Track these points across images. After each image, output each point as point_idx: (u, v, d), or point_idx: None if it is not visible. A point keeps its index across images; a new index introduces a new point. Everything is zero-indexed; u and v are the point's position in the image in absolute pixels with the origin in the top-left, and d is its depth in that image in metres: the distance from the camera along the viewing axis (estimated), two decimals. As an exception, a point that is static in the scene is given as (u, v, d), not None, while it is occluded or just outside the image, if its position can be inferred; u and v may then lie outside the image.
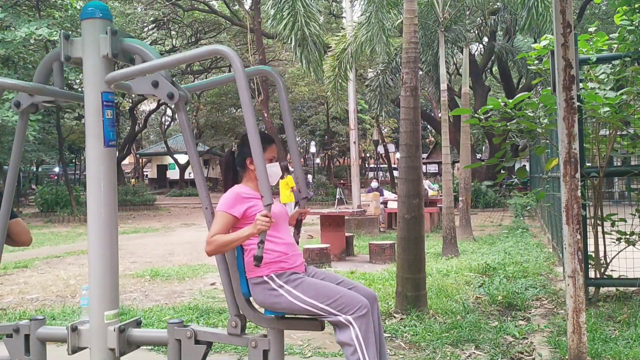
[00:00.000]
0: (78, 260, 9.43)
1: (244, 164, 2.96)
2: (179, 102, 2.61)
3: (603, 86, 5.11)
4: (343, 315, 2.66)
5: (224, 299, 2.77)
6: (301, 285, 2.75)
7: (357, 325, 2.64)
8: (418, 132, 5.22)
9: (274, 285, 2.75)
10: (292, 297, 2.72)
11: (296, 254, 2.90)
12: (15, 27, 13.53)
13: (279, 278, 2.77)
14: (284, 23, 10.40)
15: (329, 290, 2.73)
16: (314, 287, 2.74)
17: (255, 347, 2.67)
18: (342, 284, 2.84)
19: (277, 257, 2.80)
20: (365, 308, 2.67)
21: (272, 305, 2.77)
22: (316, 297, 2.70)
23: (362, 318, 2.66)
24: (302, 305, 2.71)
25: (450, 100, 16.66)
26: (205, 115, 37.96)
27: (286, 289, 2.74)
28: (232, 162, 3.00)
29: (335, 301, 2.68)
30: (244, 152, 2.94)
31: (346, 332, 2.66)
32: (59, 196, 20.37)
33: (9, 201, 2.95)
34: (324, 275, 2.93)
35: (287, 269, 2.81)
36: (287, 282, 2.76)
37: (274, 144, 3.02)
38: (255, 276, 2.79)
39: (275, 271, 2.78)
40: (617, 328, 4.25)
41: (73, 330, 2.74)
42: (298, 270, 2.84)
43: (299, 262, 2.88)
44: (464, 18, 12.19)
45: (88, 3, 2.79)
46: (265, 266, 2.76)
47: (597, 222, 5.29)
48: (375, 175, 44.37)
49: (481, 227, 13.93)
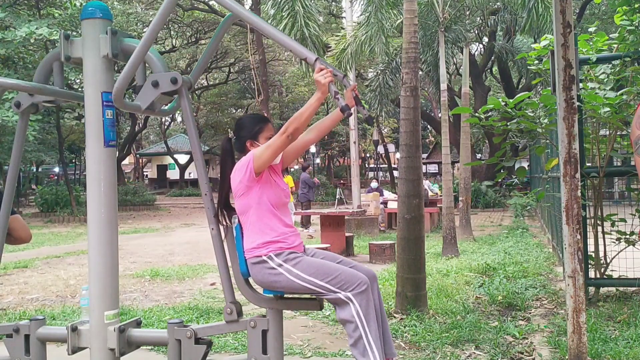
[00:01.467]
0: (78, 260, 9.43)
1: (244, 147, 2.96)
2: (182, 87, 2.62)
3: (603, 86, 5.11)
4: (343, 292, 2.65)
5: (224, 299, 2.77)
6: (300, 263, 2.74)
7: (357, 301, 2.64)
8: (418, 132, 5.22)
9: (273, 264, 2.75)
10: (292, 275, 2.72)
11: (294, 234, 2.90)
12: (15, 26, 13.52)
13: (278, 257, 2.76)
14: (284, 23, 10.41)
15: (328, 267, 2.72)
16: (313, 265, 2.74)
17: (254, 327, 2.68)
18: (342, 264, 2.84)
19: (276, 236, 2.80)
20: (364, 284, 2.67)
21: (271, 284, 2.76)
22: (315, 275, 2.69)
23: (362, 294, 2.65)
24: (302, 283, 2.70)
25: (450, 100, 16.67)
26: (205, 115, 37.97)
27: (285, 268, 2.73)
28: (230, 148, 3.00)
29: (334, 278, 2.67)
30: (242, 136, 2.95)
31: (346, 309, 2.65)
32: (59, 196, 20.38)
33: (9, 201, 2.95)
34: (323, 255, 2.94)
35: (286, 248, 2.80)
36: (286, 260, 2.75)
37: (269, 122, 3.03)
38: (254, 256, 2.78)
39: (274, 251, 2.78)
40: (617, 328, 4.24)
41: (73, 330, 2.74)
42: (297, 250, 2.84)
43: (298, 242, 2.89)
44: (464, 18, 12.20)
45: (88, 3, 2.79)
46: (264, 246, 2.77)
47: (597, 222, 5.29)
48: (375, 175, 44.36)
49: (481, 227, 13.93)
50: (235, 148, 3.00)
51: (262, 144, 2.86)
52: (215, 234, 2.73)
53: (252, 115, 3.12)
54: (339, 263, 2.84)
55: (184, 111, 2.69)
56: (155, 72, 2.69)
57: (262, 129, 2.94)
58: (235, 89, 36.69)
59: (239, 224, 2.85)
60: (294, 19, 10.35)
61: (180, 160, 39.39)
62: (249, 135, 2.94)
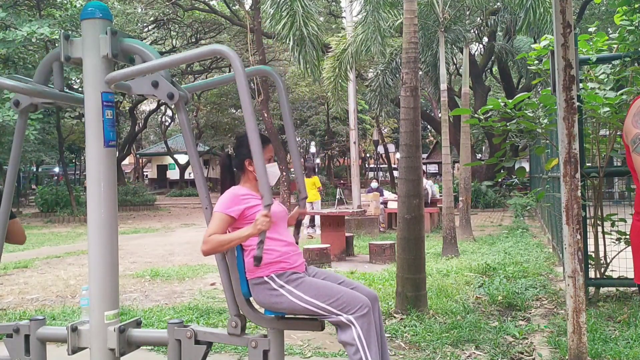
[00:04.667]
0: (78, 260, 9.42)
1: (242, 166, 2.95)
2: (179, 102, 2.61)
3: (603, 86, 5.11)
4: (344, 315, 2.66)
5: (224, 299, 2.77)
6: (302, 284, 2.74)
7: (358, 324, 2.64)
8: (418, 132, 5.22)
9: (275, 285, 2.75)
10: (293, 296, 2.72)
11: (296, 254, 2.89)
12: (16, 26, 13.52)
13: (280, 278, 2.76)
14: (283, 23, 10.41)
15: (330, 289, 2.72)
16: (315, 287, 2.74)
17: (255, 347, 2.67)
18: (343, 284, 2.84)
19: (278, 257, 2.80)
20: (366, 307, 2.67)
21: (273, 305, 2.77)
22: (317, 297, 2.70)
23: (364, 317, 2.66)
24: (304, 305, 2.71)
25: (450, 100, 16.67)
26: (205, 116, 37.95)
27: (287, 289, 2.73)
28: (229, 164, 3.00)
29: (336, 300, 2.68)
30: (241, 154, 2.94)
31: (348, 332, 2.66)
32: (59, 196, 20.38)
33: (9, 200, 2.95)
34: (324, 275, 2.93)
35: (288, 268, 2.80)
36: (288, 282, 2.75)
37: (269, 144, 3.02)
38: (256, 277, 2.78)
39: (276, 271, 2.78)
40: (617, 328, 4.24)
41: (73, 331, 2.74)
42: (298, 270, 2.83)
43: (300, 261, 2.88)
44: (463, 18, 12.20)
45: (88, 3, 2.79)
46: (266, 266, 2.76)
47: (597, 222, 5.29)
48: (375, 175, 44.37)
49: (481, 227, 13.93)
50: (234, 165, 2.99)
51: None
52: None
53: None
54: (340, 284, 2.84)
55: (182, 125, 2.67)
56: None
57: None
58: (235, 89, 36.47)
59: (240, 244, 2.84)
60: (293, 18, 10.35)
61: (180, 160, 39.37)
62: (249, 154, 2.89)
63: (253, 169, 2.90)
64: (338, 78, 12.73)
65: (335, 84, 12.76)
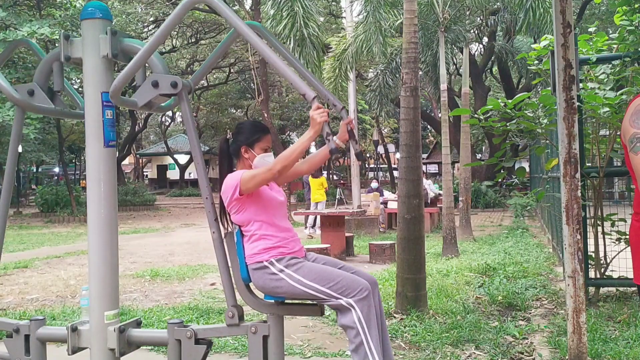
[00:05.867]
0: (78, 260, 9.42)
1: (239, 153, 2.96)
2: (182, 92, 2.62)
3: (603, 86, 5.11)
4: (344, 298, 2.65)
5: (224, 299, 2.77)
6: (302, 269, 2.74)
7: (358, 307, 2.64)
8: (418, 132, 5.22)
9: (275, 270, 2.75)
10: (293, 280, 2.71)
11: (295, 240, 2.90)
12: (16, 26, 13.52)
13: (279, 262, 2.76)
14: (284, 24, 10.40)
15: (329, 273, 2.72)
16: (314, 271, 2.74)
17: (255, 332, 2.68)
18: (343, 269, 2.84)
19: (277, 242, 2.80)
20: (366, 290, 2.67)
21: (273, 290, 2.76)
22: (317, 280, 2.69)
23: (364, 300, 2.65)
24: (303, 289, 2.70)
25: (450, 100, 16.67)
26: (205, 116, 37.95)
27: (287, 273, 2.73)
28: (227, 149, 3.00)
29: (336, 284, 2.67)
30: (239, 141, 2.95)
31: (348, 315, 2.65)
32: (59, 196, 20.38)
33: (7, 198, 2.95)
34: (324, 260, 2.94)
35: (287, 253, 2.80)
36: (288, 266, 2.75)
37: (269, 134, 3.02)
38: (256, 262, 2.78)
39: (275, 256, 2.78)
40: (617, 328, 4.25)
41: (73, 331, 2.74)
42: (298, 255, 2.84)
43: (298, 247, 2.89)
44: (463, 18, 12.20)
45: (88, 3, 2.79)
46: (265, 251, 2.77)
47: (597, 222, 5.29)
48: (375, 175, 44.36)
49: (481, 227, 13.93)
50: (231, 150, 2.99)
51: (257, 152, 2.90)
52: (216, 237, 2.73)
53: (254, 122, 3.11)
54: (340, 268, 2.84)
55: (184, 115, 2.69)
56: (155, 72, 2.68)
57: (260, 138, 2.93)
58: (235, 89, 36.66)
59: (239, 229, 2.85)
60: (294, 19, 10.34)
61: (180, 161, 39.36)
62: (246, 141, 2.93)
63: (249, 156, 2.93)
64: (338, 78, 12.74)
65: (336, 84, 12.76)
